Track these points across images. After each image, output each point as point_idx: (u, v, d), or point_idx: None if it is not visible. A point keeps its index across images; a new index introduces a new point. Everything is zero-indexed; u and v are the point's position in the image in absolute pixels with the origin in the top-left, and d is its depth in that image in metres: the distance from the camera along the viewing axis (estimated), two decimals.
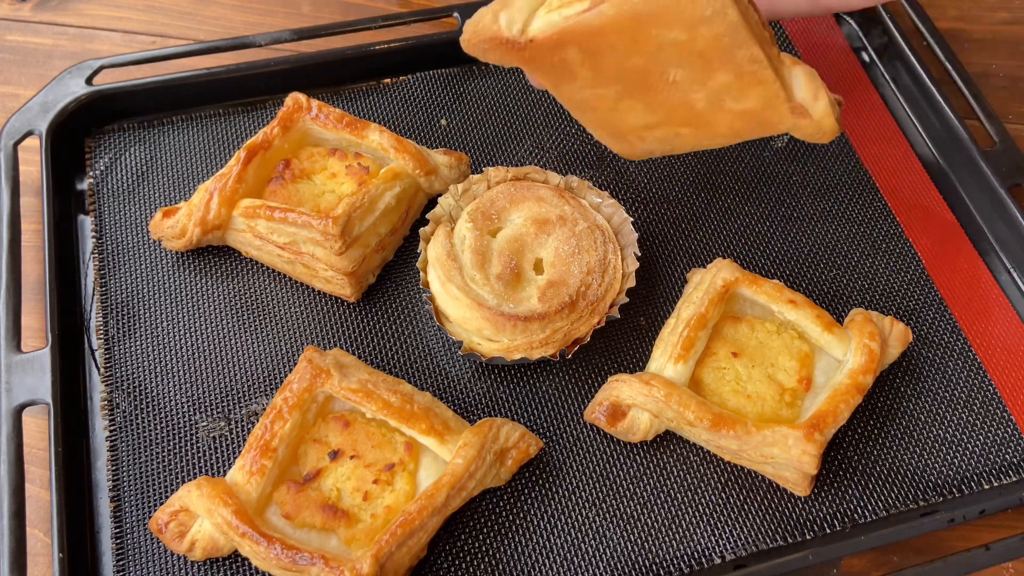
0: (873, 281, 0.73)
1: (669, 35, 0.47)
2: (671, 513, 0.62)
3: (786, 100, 0.49)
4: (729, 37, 0.46)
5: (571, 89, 0.53)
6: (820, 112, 0.50)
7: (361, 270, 0.69)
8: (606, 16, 0.46)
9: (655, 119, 0.54)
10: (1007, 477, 0.64)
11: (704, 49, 0.47)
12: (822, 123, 0.50)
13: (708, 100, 0.51)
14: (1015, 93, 0.88)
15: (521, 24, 0.49)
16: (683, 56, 0.48)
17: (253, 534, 0.56)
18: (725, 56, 0.47)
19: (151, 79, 0.79)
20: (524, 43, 0.49)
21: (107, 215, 0.74)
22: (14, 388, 0.64)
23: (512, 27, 0.49)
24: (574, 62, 0.50)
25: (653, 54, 0.48)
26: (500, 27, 0.49)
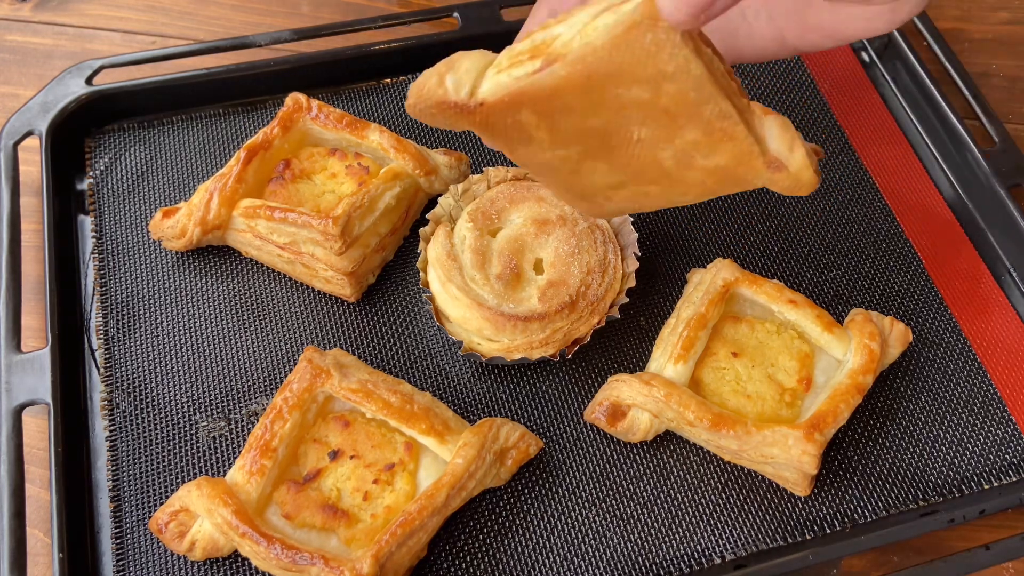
0: (873, 281, 0.73)
1: (630, 93, 0.43)
2: (671, 513, 0.62)
3: (760, 155, 0.45)
4: (695, 92, 0.42)
5: (528, 152, 0.49)
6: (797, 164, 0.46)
7: (361, 270, 0.69)
8: (559, 76, 0.42)
9: (621, 179, 0.50)
10: (1007, 477, 0.64)
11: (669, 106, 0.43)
12: (800, 176, 0.46)
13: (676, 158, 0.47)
14: (1015, 93, 0.88)
15: (469, 86, 0.45)
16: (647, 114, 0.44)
17: (253, 534, 0.56)
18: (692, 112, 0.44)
19: (151, 79, 0.79)
20: (474, 106, 0.45)
21: (107, 215, 0.74)
22: (14, 388, 0.64)
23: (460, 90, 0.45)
24: (529, 124, 0.46)
25: (614, 113, 0.45)
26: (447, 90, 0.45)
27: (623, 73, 0.42)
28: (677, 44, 0.40)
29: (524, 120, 0.46)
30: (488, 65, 0.45)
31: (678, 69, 0.41)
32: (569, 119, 0.45)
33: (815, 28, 0.50)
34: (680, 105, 0.43)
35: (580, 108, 0.44)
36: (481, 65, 0.45)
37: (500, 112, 0.45)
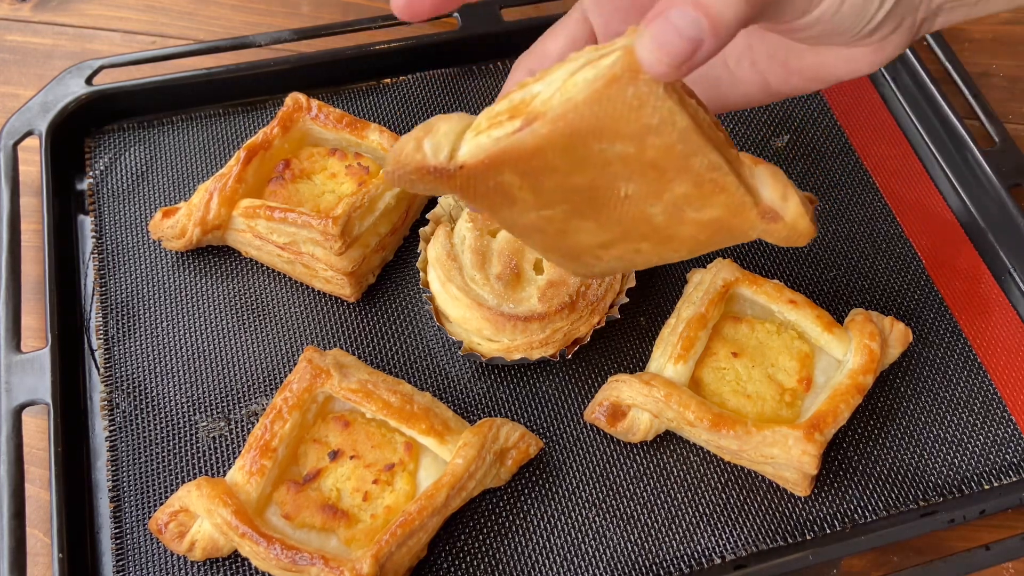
0: (873, 281, 0.73)
1: (614, 149, 0.41)
2: (671, 513, 0.62)
3: (753, 205, 0.44)
4: (682, 144, 0.41)
5: (512, 214, 0.47)
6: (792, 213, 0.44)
7: (361, 270, 0.69)
8: (540, 135, 0.41)
9: (610, 237, 0.48)
10: (1007, 477, 0.64)
11: (656, 160, 0.42)
12: (796, 225, 0.45)
13: (667, 213, 0.45)
14: (1015, 93, 0.88)
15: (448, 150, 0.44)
16: (633, 169, 0.42)
17: (253, 534, 0.56)
18: (680, 165, 0.42)
19: (151, 79, 0.79)
20: (454, 170, 0.43)
21: (107, 215, 0.74)
22: (14, 388, 0.64)
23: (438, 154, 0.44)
24: (512, 185, 0.44)
25: (599, 170, 0.43)
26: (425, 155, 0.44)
27: (606, 129, 0.40)
28: (660, 97, 0.39)
29: (506, 181, 0.44)
30: (467, 127, 0.44)
31: (663, 122, 0.40)
32: (553, 178, 0.43)
33: (798, 72, 0.49)
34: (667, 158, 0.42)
35: (563, 166, 0.43)
36: (460, 128, 0.44)
37: (481, 175, 0.44)
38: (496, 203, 0.46)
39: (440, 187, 0.45)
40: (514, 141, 0.41)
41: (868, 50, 0.47)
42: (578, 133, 0.40)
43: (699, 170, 0.42)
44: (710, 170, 0.42)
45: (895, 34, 0.46)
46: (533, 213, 0.47)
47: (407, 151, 0.44)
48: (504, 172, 0.43)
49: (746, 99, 0.52)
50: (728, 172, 0.42)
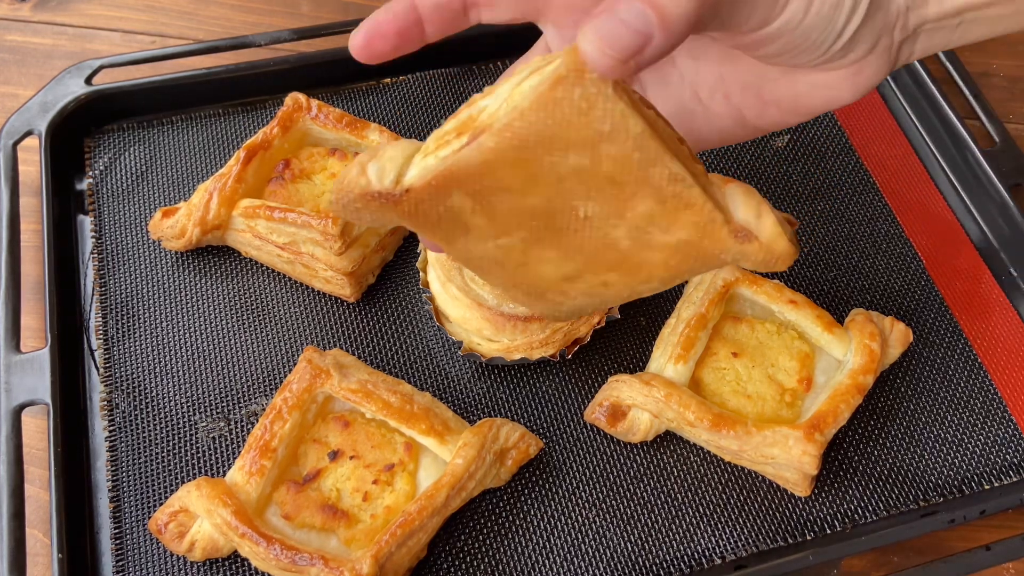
0: (873, 281, 0.73)
1: (568, 161, 0.38)
2: (671, 514, 0.62)
3: (724, 223, 0.40)
4: (639, 153, 0.37)
5: (468, 244, 0.43)
6: (768, 232, 0.41)
7: (361, 270, 0.69)
8: (487, 149, 0.38)
9: (574, 267, 0.44)
10: (1008, 477, 0.64)
11: (613, 173, 0.38)
12: (773, 245, 0.41)
13: (632, 236, 0.42)
14: (1016, 93, 0.88)
15: (394, 174, 0.41)
16: (590, 185, 0.39)
17: (253, 534, 0.56)
18: (639, 177, 0.38)
19: (151, 79, 0.79)
20: (399, 194, 0.41)
21: (106, 215, 0.74)
22: (13, 388, 0.64)
23: (383, 178, 0.41)
24: (463, 210, 0.41)
25: (554, 187, 0.39)
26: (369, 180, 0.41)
27: (556, 137, 0.37)
28: (610, 97, 0.36)
29: (457, 205, 0.41)
30: (415, 151, 0.42)
31: (615, 127, 0.37)
32: (506, 199, 0.40)
33: (774, 103, 0.47)
34: (624, 170, 0.38)
35: (516, 184, 0.39)
36: (407, 152, 0.42)
37: (429, 198, 0.41)
38: (449, 231, 0.43)
39: (387, 215, 0.42)
40: (461, 158, 0.39)
41: (844, 75, 0.44)
42: (527, 144, 0.37)
43: (660, 183, 0.39)
44: (672, 182, 0.39)
45: (872, 56, 0.43)
46: (490, 242, 0.43)
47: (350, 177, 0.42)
48: (453, 194, 0.40)
49: (722, 134, 0.49)
50: (692, 184, 0.39)
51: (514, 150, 0.38)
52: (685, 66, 0.48)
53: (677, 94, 0.48)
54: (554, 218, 0.41)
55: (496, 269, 0.46)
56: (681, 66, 0.48)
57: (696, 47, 0.47)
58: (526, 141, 0.37)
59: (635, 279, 0.44)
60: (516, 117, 0.37)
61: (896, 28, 0.43)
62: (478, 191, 0.40)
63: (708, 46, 0.47)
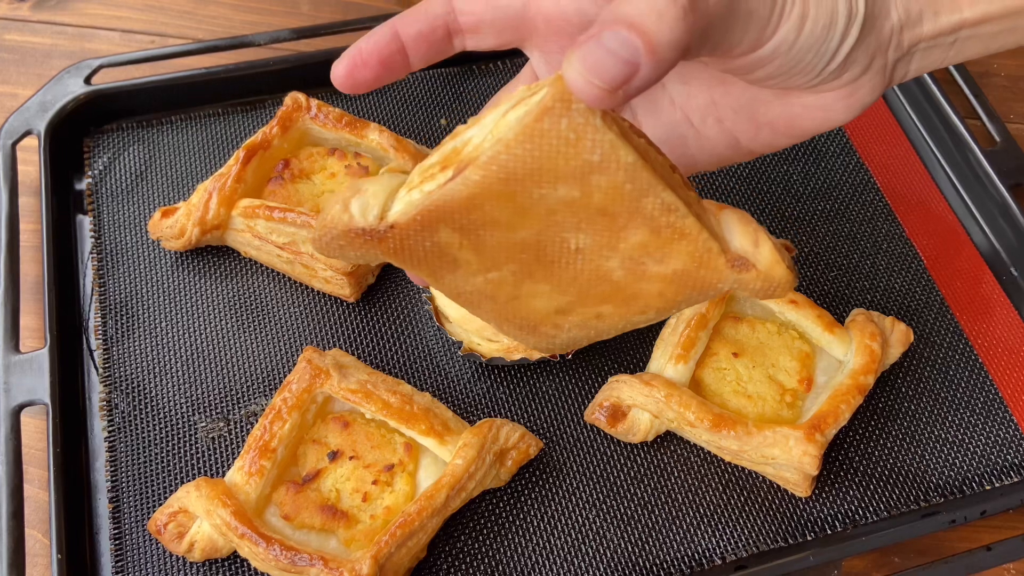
0: (874, 281, 0.73)
1: (557, 194, 0.37)
2: (671, 514, 0.62)
3: (720, 252, 0.39)
4: (630, 184, 0.36)
5: (456, 280, 0.42)
6: (766, 261, 0.40)
7: (360, 270, 0.69)
8: (473, 183, 0.36)
9: (567, 300, 0.43)
10: (1008, 478, 0.64)
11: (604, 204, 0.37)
12: (772, 273, 0.40)
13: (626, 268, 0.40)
14: (1017, 92, 0.88)
15: (378, 209, 0.40)
16: (581, 217, 0.38)
17: (252, 535, 0.56)
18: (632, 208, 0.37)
19: (150, 78, 0.79)
20: (384, 231, 0.39)
21: (106, 215, 0.74)
22: (12, 388, 0.64)
23: (367, 214, 0.40)
24: (451, 245, 0.40)
25: (544, 220, 0.38)
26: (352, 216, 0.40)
27: (544, 169, 0.36)
28: (598, 128, 0.34)
29: (444, 241, 0.39)
30: (400, 185, 0.41)
31: (605, 158, 0.35)
32: (494, 234, 0.39)
33: (768, 125, 0.46)
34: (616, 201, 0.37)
35: (504, 218, 0.38)
36: (391, 186, 0.41)
37: (415, 234, 0.39)
38: (437, 267, 0.41)
39: (372, 252, 0.41)
40: (446, 192, 0.37)
41: (839, 95, 0.43)
42: (514, 177, 0.36)
43: (653, 213, 0.38)
44: (665, 212, 0.38)
45: (867, 76, 0.42)
46: (479, 277, 0.42)
47: (333, 213, 0.40)
48: (440, 230, 0.39)
49: (716, 158, 0.48)
50: (686, 213, 0.38)
51: (501, 183, 0.37)
52: (676, 91, 0.47)
53: (668, 119, 0.47)
54: (545, 251, 0.40)
55: (486, 304, 0.44)
56: (672, 91, 0.47)
57: (687, 71, 0.46)
58: (513, 174, 0.36)
59: (630, 310, 0.43)
60: (502, 150, 0.36)
61: (890, 48, 0.42)
62: (465, 226, 0.39)
63: (699, 70, 0.46)
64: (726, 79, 0.45)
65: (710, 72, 0.45)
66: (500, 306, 0.44)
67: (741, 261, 0.40)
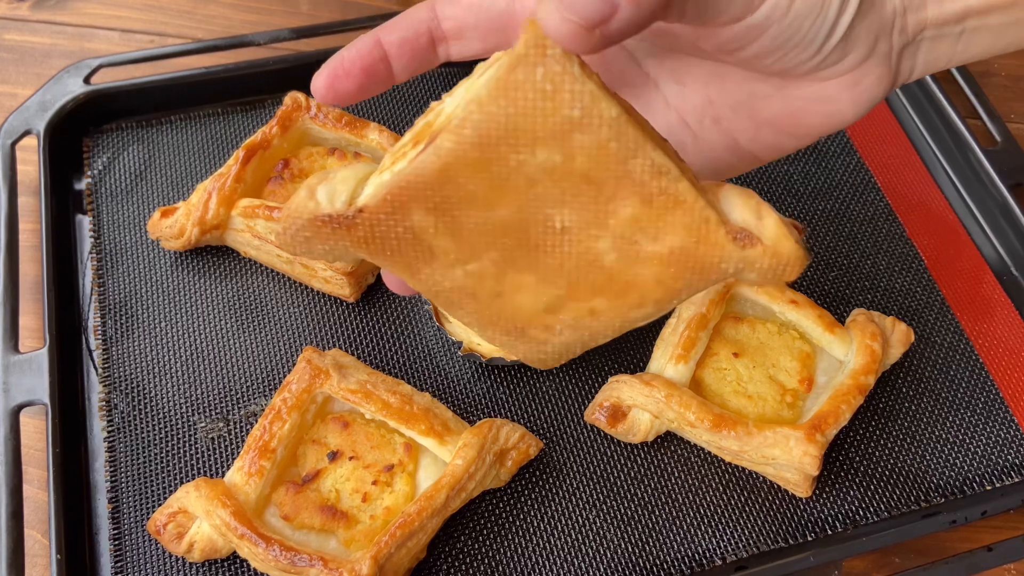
0: (875, 281, 0.73)
1: (537, 159, 0.33)
2: (672, 514, 0.62)
3: (720, 224, 0.35)
4: (616, 142, 0.33)
5: (433, 273, 0.38)
6: (771, 232, 0.36)
7: (360, 270, 0.69)
8: (446, 151, 0.33)
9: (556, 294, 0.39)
10: (1009, 478, 0.64)
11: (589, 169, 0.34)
12: (779, 247, 0.36)
13: (618, 248, 0.36)
14: (1017, 92, 0.88)
15: (346, 195, 0.37)
16: (564, 188, 0.34)
17: (252, 535, 0.56)
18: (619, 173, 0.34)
19: (149, 78, 0.79)
20: (352, 215, 0.36)
21: (105, 215, 0.74)
22: (12, 388, 0.63)
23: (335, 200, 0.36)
24: (425, 231, 0.36)
25: (524, 193, 0.35)
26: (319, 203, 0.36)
27: (521, 130, 0.33)
28: (577, 77, 0.31)
29: (418, 225, 0.36)
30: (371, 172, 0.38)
31: (586, 113, 0.32)
32: (472, 213, 0.36)
33: (768, 124, 0.43)
34: (601, 165, 0.34)
35: (481, 193, 0.35)
36: (361, 173, 0.38)
37: (386, 218, 0.36)
38: (411, 259, 0.38)
39: (340, 242, 0.37)
40: (417, 166, 0.34)
41: (843, 84, 0.41)
42: (489, 140, 0.33)
43: (643, 177, 0.34)
44: (655, 175, 0.34)
45: (871, 62, 0.40)
46: (458, 269, 0.38)
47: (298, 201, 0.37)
48: (413, 211, 0.36)
49: (715, 164, 0.46)
50: (679, 176, 0.34)
51: (475, 148, 0.33)
52: (670, 91, 0.45)
53: (663, 122, 0.45)
54: (527, 233, 0.37)
55: (469, 303, 0.40)
56: (666, 91, 0.45)
57: (680, 68, 0.44)
58: (488, 137, 0.33)
59: (625, 303, 0.39)
60: (474, 109, 0.32)
61: (894, 31, 0.40)
62: (439, 204, 0.35)
63: (693, 66, 0.44)
64: (722, 74, 0.43)
65: (705, 67, 0.44)
66: (483, 305, 0.40)
67: (744, 234, 0.36)
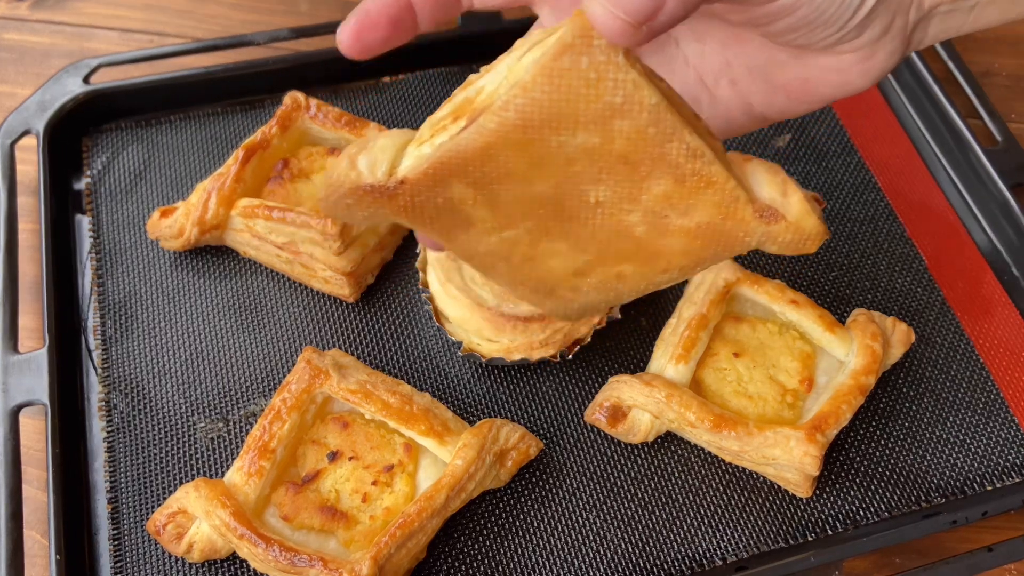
0: (875, 281, 0.73)
1: (576, 141, 0.35)
2: (672, 515, 0.62)
3: (747, 202, 0.38)
4: (654, 127, 0.35)
5: (469, 239, 0.40)
6: (795, 211, 0.38)
7: (360, 270, 0.69)
8: (488, 131, 0.35)
9: (585, 260, 0.41)
10: (1010, 478, 0.64)
11: (626, 151, 0.35)
12: (802, 224, 0.38)
13: (648, 222, 0.39)
14: (1018, 92, 0.88)
15: (387, 165, 0.38)
16: (601, 167, 0.36)
17: (251, 536, 0.56)
18: (655, 154, 0.36)
19: (149, 78, 0.79)
20: (394, 187, 0.37)
21: (105, 215, 0.74)
22: (11, 389, 0.63)
23: (375, 170, 0.38)
24: (464, 201, 0.38)
25: (562, 171, 0.36)
26: (360, 173, 0.38)
27: (563, 114, 0.34)
28: (621, 67, 0.33)
29: (457, 196, 0.38)
30: (409, 141, 0.39)
31: (627, 100, 0.34)
32: (510, 187, 0.37)
33: (783, 89, 0.44)
34: (639, 147, 0.35)
35: (520, 170, 0.36)
36: (400, 141, 0.39)
37: (426, 190, 0.38)
38: (449, 226, 0.40)
39: (381, 210, 0.39)
40: (459, 143, 0.36)
41: (856, 58, 0.42)
42: (532, 123, 0.34)
43: (678, 159, 0.36)
44: (691, 158, 0.36)
45: (886, 38, 0.41)
46: (494, 236, 0.40)
47: (340, 171, 0.39)
48: (453, 184, 0.37)
49: (728, 123, 0.47)
50: (713, 160, 0.36)
51: (517, 130, 0.35)
52: (690, 49, 0.46)
53: (682, 79, 0.46)
54: (563, 206, 0.38)
55: (501, 265, 0.42)
56: (686, 50, 0.46)
57: (701, 28, 0.45)
58: (530, 119, 0.34)
59: (652, 269, 0.41)
60: (518, 93, 0.34)
61: (912, 8, 0.41)
62: (479, 179, 0.37)
63: (715, 28, 0.45)
64: (742, 38, 0.44)
65: (726, 30, 0.44)
66: (515, 267, 0.42)
67: (769, 211, 0.38)
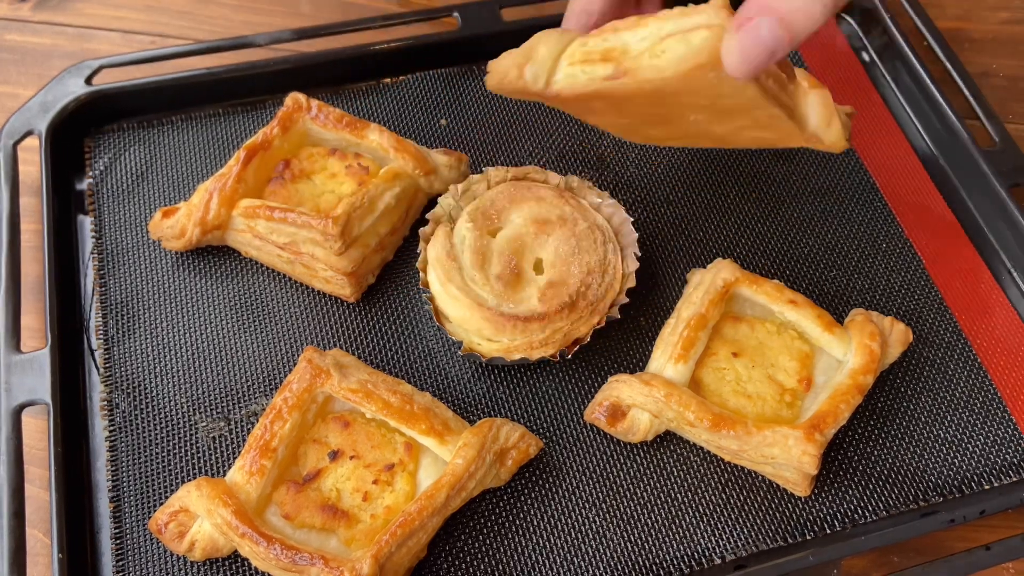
0: (873, 281, 0.73)
1: (691, 100, 0.51)
2: (671, 513, 0.62)
3: (799, 133, 0.54)
4: (749, 102, 0.50)
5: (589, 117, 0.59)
6: (832, 138, 0.55)
7: (361, 270, 0.69)
8: (629, 88, 0.49)
9: (675, 135, 0.61)
10: (1007, 477, 0.64)
11: (725, 108, 0.51)
12: (834, 147, 0.56)
13: (727, 131, 0.56)
14: (1015, 93, 0.88)
15: (545, 78, 0.52)
16: (704, 111, 0.52)
17: (253, 534, 0.56)
18: (745, 112, 0.52)
19: (150, 79, 0.79)
20: (551, 96, 0.52)
21: (107, 215, 0.74)
22: (13, 388, 0.64)
23: (537, 81, 0.52)
24: (598, 108, 0.55)
25: (675, 107, 0.52)
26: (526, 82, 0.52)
27: (687, 91, 0.49)
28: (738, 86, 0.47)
29: (594, 106, 0.54)
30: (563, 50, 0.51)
31: (735, 91, 0.48)
32: (634, 106, 0.53)
33: None
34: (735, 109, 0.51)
35: (646, 104, 0.52)
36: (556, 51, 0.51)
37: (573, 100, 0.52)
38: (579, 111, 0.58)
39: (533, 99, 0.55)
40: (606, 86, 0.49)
41: None
42: (662, 92, 0.49)
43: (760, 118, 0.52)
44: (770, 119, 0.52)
45: None
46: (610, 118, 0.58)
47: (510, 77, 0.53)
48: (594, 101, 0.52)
49: None
50: (785, 119, 0.52)
51: (651, 93, 0.49)
52: None
53: None
54: (668, 117, 0.55)
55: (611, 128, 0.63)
56: None
57: None
58: (662, 91, 0.49)
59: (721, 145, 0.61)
60: (657, 78, 0.47)
61: None
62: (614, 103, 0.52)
63: None
64: None
65: None
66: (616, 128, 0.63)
67: (814, 139, 0.55)
